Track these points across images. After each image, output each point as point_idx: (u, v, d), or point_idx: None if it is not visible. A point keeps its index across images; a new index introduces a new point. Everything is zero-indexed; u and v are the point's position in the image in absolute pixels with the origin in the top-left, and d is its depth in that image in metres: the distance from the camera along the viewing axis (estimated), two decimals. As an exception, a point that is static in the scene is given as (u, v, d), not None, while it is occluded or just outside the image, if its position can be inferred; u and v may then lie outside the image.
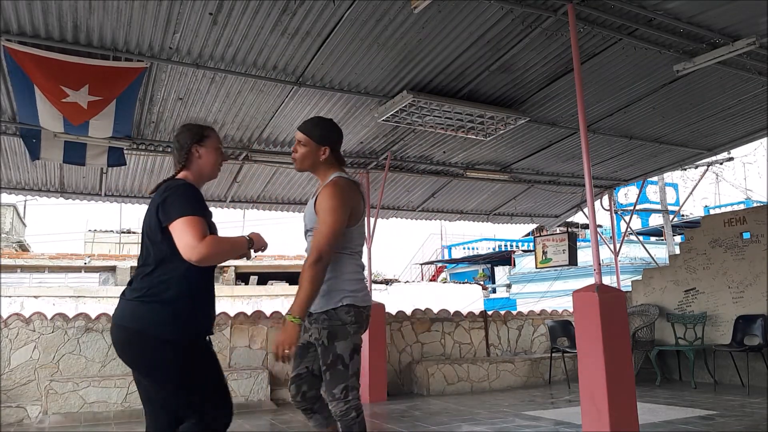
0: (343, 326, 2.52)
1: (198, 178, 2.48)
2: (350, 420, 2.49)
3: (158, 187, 2.37)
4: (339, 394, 2.48)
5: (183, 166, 2.45)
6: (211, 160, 2.49)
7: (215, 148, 2.51)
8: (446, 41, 4.76)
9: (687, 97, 6.12)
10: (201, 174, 2.49)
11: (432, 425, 5.44)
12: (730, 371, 7.30)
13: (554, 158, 7.68)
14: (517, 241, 26.70)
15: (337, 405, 2.49)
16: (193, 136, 2.47)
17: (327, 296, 2.53)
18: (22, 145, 5.76)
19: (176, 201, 2.25)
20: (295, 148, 2.72)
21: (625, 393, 4.16)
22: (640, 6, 4.39)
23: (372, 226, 7.69)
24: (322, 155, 2.67)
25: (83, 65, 4.42)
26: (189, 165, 2.46)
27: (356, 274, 2.63)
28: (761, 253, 7.20)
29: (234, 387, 6.63)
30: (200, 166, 2.47)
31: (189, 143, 2.45)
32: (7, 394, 6.17)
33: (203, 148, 2.47)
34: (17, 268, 18.47)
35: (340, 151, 2.79)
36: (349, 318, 2.53)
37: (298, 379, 2.66)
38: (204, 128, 2.53)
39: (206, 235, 2.21)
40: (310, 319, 2.60)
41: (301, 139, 2.68)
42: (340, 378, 2.49)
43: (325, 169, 2.71)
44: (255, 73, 5.02)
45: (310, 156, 2.68)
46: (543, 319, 9.18)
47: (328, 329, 2.52)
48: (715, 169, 16.17)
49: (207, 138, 2.49)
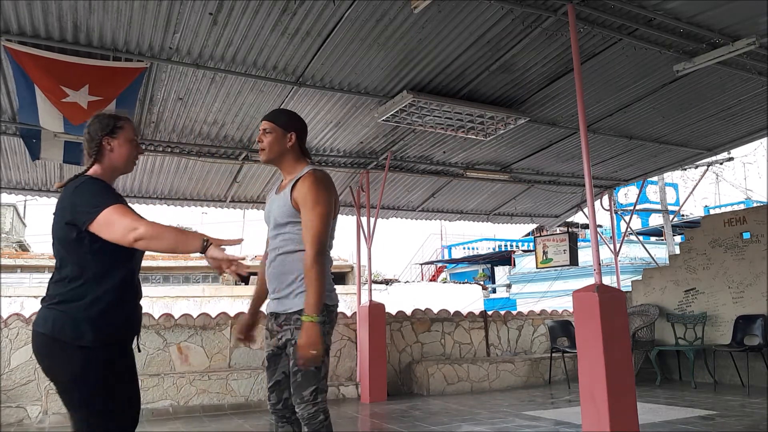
0: None
1: (110, 173, 2.30)
2: (318, 423, 2.39)
3: (67, 183, 2.19)
4: (308, 396, 2.39)
5: (94, 159, 2.26)
6: (124, 153, 2.30)
7: (129, 140, 2.31)
8: (446, 41, 4.75)
9: (687, 97, 6.12)
10: (113, 168, 2.30)
11: (432, 425, 5.44)
12: (730, 371, 7.30)
13: (554, 158, 7.68)
14: (517, 241, 26.69)
15: (305, 408, 2.39)
16: (104, 127, 2.27)
17: (299, 296, 2.44)
18: (22, 145, 5.76)
19: (89, 199, 2.09)
20: (260, 138, 2.61)
21: (625, 393, 4.16)
22: (640, 6, 4.38)
23: (372, 226, 7.68)
24: (289, 142, 2.59)
25: (83, 65, 4.42)
26: (100, 158, 2.27)
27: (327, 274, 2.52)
28: (761, 253, 7.20)
29: (234, 387, 6.64)
30: (112, 160, 2.28)
31: (99, 135, 2.26)
32: (7, 394, 6.17)
33: (115, 140, 2.28)
34: (17, 268, 18.47)
35: (305, 146, 2.70)
36: (323, 317, 2.42)
37: (277, 386, 2.57)
38: (117, 118, 2.32)
39: (139, 215, 2.07)
40: (279, 321, 2.51)
41: (266, 127, 2.59)
42: (312, 380, 2.40)
43: (292, 161, 2.62)
44: (255, 73, 5.02)
45: (277, 143, 2.58)
46: (543, 319, 9.19)
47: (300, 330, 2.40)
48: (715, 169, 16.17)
49: (120, 129, 2.29)
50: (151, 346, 6.75)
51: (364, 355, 7.21)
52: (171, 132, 6.03)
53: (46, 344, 2.10)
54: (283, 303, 2.50)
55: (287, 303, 2.48)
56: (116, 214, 2.06)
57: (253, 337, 2.82)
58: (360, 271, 8.22)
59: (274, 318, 2.56)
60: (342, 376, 7.63)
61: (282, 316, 2.50)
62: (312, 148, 6.75)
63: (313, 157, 6.86)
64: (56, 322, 2.08)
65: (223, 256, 2.00)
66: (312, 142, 6.60)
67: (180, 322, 7.00)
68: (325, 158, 7.04)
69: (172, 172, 7.00)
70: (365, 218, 7.76)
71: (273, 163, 2.66)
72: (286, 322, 2.48)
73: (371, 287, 8.01)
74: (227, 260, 1.99)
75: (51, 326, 2.08)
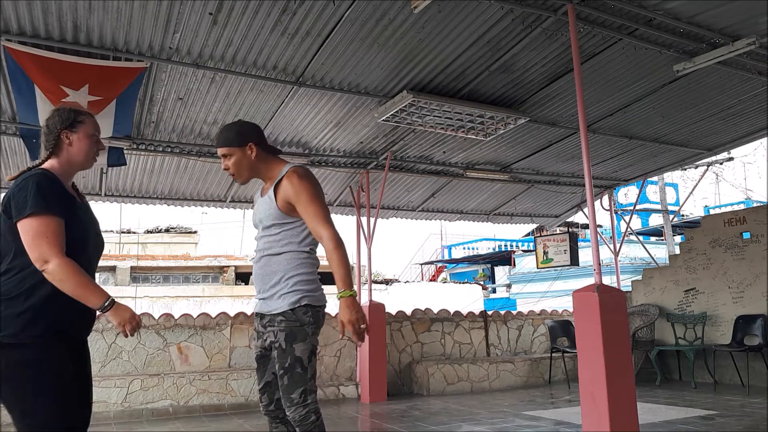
0: (301, 327, 2.42)
1: (67, 168, 2.23)
2: (309, 425, 2.37)
3: (19, 175, 2.12)
4: (297, 398, 2.37)
5: (51, 153, 2.21)
6: (84, 148, 2.25)
7: (89, 135, 2.26)
8: (446, 41, 4.76)
9: (687, 97, 6.12)
10: (71, 163, 2.24)
11: (432, 425, 5.44)
12: (730, 371, 7.30)
13: (554, 158, 7.69)
14: (517, 241, 26.70)
15: (295, 410, 2.37)
16: (63, 120, 2.22)
17: (283, 297, 2.43)
18: (22, 145, 5.76)
19: (27, 196, 2.01)
20: (225, 166, 2.56)
21: (625, 393, 4.16)
22: (640, 6, 4.39)
23: (372, 226, 7.69)
24: (252, 153, 2.52)
25: (83, 65, 4.43)
26: (57, 152, 2.21)
27: (312, 274, 2.51)
28: (761, 253, 7.20)
29: (234, 387, 6.64)
30: (70, 155, 2.23)
31: (58, 128, 2.21)
32: (7, 394, 6.17)
33: (75, 134, 2.23)
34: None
35: (267, 143, 2.63)
36: (308, 318, 2.43)
37: (268, 387, 2.56)
38: (77, 113, 2.28)
39: (62, 247, 2.00)
40: (263, 322, 2.51)
41: (225, 153, 2.53)
42: (299, 381, 2.38)
43: (266, 167, 2.56)
44: (255, 73, 5.02)
45: (241, 161, 2.52)
46: (543, 319, 9.18)
47: (285, 331, 2.41)
48: (715, 169, 16.18)
49: (80, 123, 2.25)
50: (151, 346, 6.75)
51: (364, 355, 7.21)
52: (171, 132, 6.03)
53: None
54: (267, 304, 2.50)
55: (271, 304, 2.48)
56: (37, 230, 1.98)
57: None
58: (360, 271, 8.22)
59: (259, 318, 2.56)
60: (342, 376, 7.63)
61: (267, 317, 2.50)
62: (312, 148, 6.76)
63: (313, 157, 6.88)
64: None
65: (119, 320, 2.08)
66: (312, 142, 6.60)
67: (180, 322, 7.00)
68: (325, 158, 7.04)
69: (172, 172, 7.00)
70: (365, 218, 7.76)
71: (251, 178, 2.62)
72: (270, 323, 2.48)
73: (371, 287, 8.02)
74: (124, 322, 2.09)
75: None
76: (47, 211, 2.01)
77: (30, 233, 1.99)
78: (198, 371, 6.72)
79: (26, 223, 1.99)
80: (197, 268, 20.59)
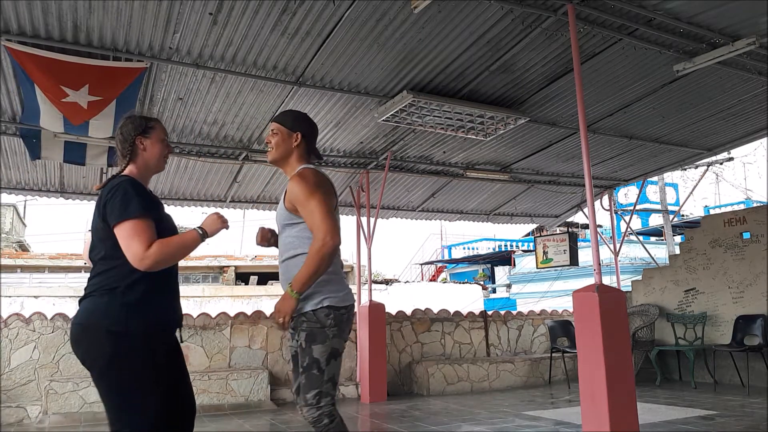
0: (321, 329, 2.43)
1: (144, 172, 2.40)
2: (323, 427, 2.38)
3: (106, 183, 2.27)
4: (312, 399, 2.39)
5: (129, 160, 2.36)
6: (156, 152, 2.40)
7: (160, 139, 2.42)
8: (446, 41, 4.75)
9: (687, 97, 6.12)
10: (147, 167, 2.40)
11: (432, 425, 5.44)
12: (730, 371, 7.30)
13: (554, 158, 7.69)
14: (517, 241, 26.70)
15: (309, 411, 2.39)
16: (137, 127, 2.37)
17: (306, 298, 2.44)
18: (22, 145, 5.76)
19: (119, 202, 2.17)
20: (268, 139, 2.66)
21: (625, 393, 4.15)
22: (640, 6, 4.38)
23: (372, 226, 7.69)
24: (295, 142, 2.61)
25: (83, 65, 4.42)
26: (134, 158, 2.37)
27: (335, 273, 2.51)
28: (761, 253, 7.20)
29: (234, 387, 6.64)
30: (146, 159, 2.38)
31: (132, 135, 2.35)
32: (7, 394, 6.17)
33: (148, 139, 2.38)
34: (17, 268, 18.46)
35: (315, 146, 2.72)
36: (329, 321, 2.44)
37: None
38: (148, 119, 2.43)
39: (152, 241, 2.15)
40: (293, 323, 2.51)
41: (274, 128, 2.65)
42: (315, 383, 2.39)
43: (294, 162, 2.64)
44: (255, 73, 5.02)
45: (282, 143, 2.62)
46: (543, 319, 9.19)
47: (306, 331, 2.44)
48: (715, 169, 16.20)
49: (151, 129, 2.40)
50: (151, 346, 6.74)
51: (364, 355, 7.21)
52: (171, 132, 6.02)
53: (77, 333, 2.16)
54: None
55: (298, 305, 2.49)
56: (132, 231, 2.14)
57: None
58: (360, 271, 8.22)
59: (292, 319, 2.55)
60: (342, 376, 7.62)
61: (295, 318, 2.51)
62: (312, 148, 6.74)
63: (313, 157, 6.87)
64: (87, 310, 2.15)
65: (214, 228, 2.33)
66: (312, 142, 6.59)
67: (180, 322, 6.99)
68: (325, 158, 7.04)
69: (172, 172, 7.00)
70: (365, 218, 7.76)
71: (277, 163, 2.69)
72: (298, 323, 2.49)
73: (371, 287, 8.02)
74: (218, 226, 2.34)
75: (82, 315, 2.15)
76: (142, 215, 2.17)
77: (127, 234, 2.14)
78: (198, 371, 6.72)
79: (124, 226, 2.14)
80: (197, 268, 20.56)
